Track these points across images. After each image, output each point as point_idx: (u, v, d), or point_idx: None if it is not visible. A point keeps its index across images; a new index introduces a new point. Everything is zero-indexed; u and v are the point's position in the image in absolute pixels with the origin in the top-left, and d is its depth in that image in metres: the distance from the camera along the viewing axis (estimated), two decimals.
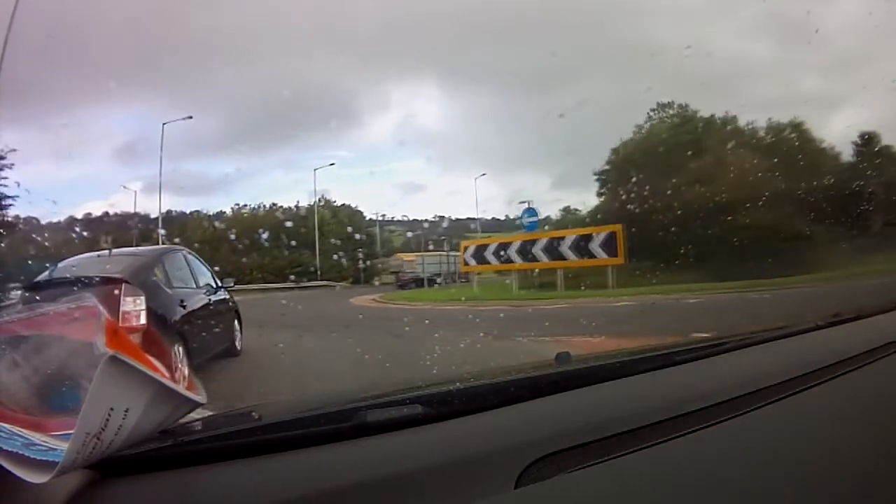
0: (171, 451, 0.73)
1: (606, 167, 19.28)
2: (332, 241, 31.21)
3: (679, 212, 12.08)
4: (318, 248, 30.31)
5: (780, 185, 12.46)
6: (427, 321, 9.00)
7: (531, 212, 16.65)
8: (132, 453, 0.68)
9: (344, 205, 34.90)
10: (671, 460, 0.76)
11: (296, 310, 11.28)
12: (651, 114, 19.39)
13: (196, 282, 5.80)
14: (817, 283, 8.91)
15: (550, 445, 0.75)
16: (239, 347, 6.22)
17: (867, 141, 15.92)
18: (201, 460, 0.73)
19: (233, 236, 25.93)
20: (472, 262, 17.08)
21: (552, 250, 14.73)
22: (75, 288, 3.99)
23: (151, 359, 0.75)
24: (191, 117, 20.93)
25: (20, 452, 0.62)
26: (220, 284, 6.35)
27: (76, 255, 5.67)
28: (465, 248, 17.82)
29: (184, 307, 5.10)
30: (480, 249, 17.05)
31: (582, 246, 14.20)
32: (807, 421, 0.92)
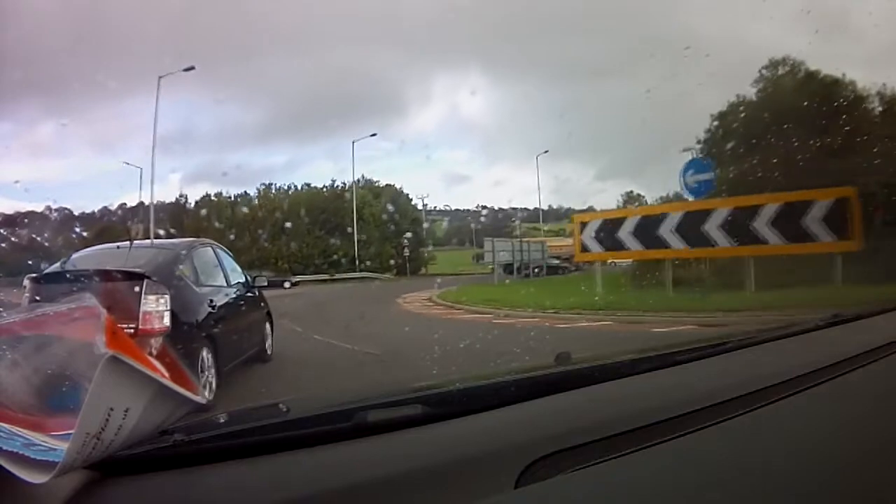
0: (171, 451, 0.73)
1: (706, 136, 14.69)
2: (374, 225, 27.59)
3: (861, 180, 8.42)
4: (356, 234, 26.50)
5: None
6: None
7: (701, 165, 10.33)
8: (132, 453, 0.68)
9: (387, 185, 31.46)
10: (671, 460, 0.76)
11: (301, 323, 7.79)
12: (763, 72, 15.25)
13: (227, 279, 5.25)
14: None
15: (550, 445, 0.75)
16: (270, 353, 5.78)
17: None
18: (201, 460, 0.73)
19: (218, 223, 23.47)
20: (595, 248, 10.97)
21: (738, 228, 9.24)
22: (88, 282, 3.62)
23: (152, 359, 0.75)
24: (193, 68, 19.48)
25: (20, 452, 0.62)
26: (251, 282, 5.81)
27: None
28: (583, 226, 11.29)
29: (213, 307, 4.58)
30: (610, 227, 10.74)
31: (791, 221, 8.93)
32: (807, 421, 0.92)
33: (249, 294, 5.63)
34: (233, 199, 29.05)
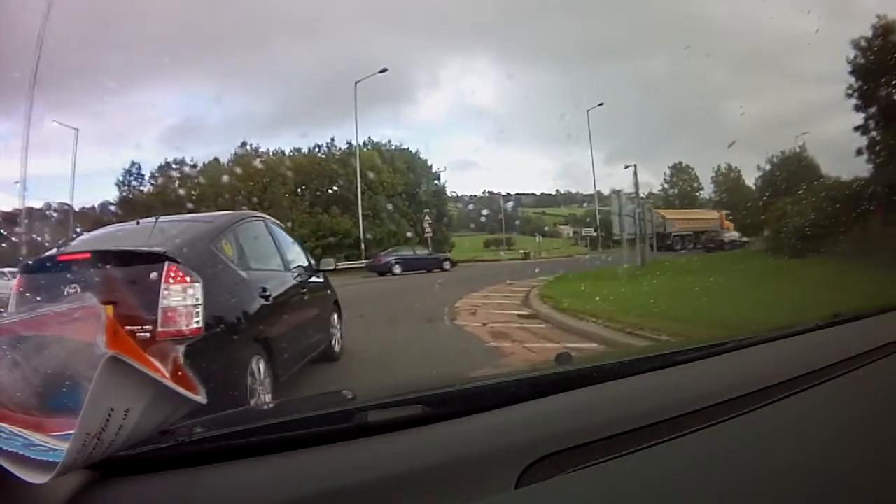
0: (171, 451, 0.73)
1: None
2: (386, 197, 21.44)
3: None
4: (360, 209, 20.31)
5: None
6: None
7: None
8: (132, 453, 0.68)
9: (399, 147, 24.37)
10: (671, 460, 0.76)
11: None
12: None
13: (284, 262, 4.16)
14: None
15: (550, 445, 0.75)
16: (338, 349, 4.80)
17: None
18: (201, 460, 0.73)
19: (171, 197, 17.72)
20: None
21: None
22: (88, 269, 2.81)
23: (152, 359, 0.75)
24: None
25: (20, 453, 0.62)
26: (315, 266, 4.73)
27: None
28: None
29: (266, 299, 3.46)
30: None
31: None
32: (807, 421, 0.92)
33: (313, 281, 4.53)
34: (199, 166, 22.67)
